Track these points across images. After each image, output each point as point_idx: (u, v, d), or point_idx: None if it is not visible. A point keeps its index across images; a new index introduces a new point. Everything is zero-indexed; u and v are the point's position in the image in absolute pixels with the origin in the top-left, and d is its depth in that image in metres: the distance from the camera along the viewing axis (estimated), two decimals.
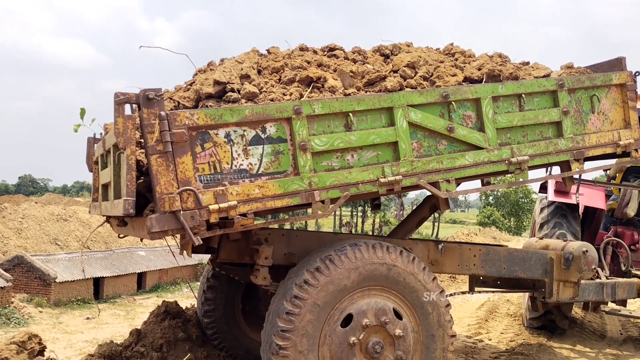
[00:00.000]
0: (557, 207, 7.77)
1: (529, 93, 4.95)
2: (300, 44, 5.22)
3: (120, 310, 17.92)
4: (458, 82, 4.75)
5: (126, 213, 3.70)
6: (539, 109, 5.02)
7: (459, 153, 4.66)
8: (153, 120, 3.69)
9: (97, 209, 5.42)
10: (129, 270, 20.93)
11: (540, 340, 7.68)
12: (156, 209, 3.71)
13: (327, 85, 4.38)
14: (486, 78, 4.86)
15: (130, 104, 3.73)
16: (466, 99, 4.68)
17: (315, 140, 4.13)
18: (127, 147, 3.70)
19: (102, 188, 5.04)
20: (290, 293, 4.16)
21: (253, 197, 3.95)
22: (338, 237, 5.14)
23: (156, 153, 3.69)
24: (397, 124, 4.39)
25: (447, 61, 5.17)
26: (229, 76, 4.23)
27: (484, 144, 4.73)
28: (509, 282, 6.11)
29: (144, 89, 3.73)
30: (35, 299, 18.18)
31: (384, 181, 4.32)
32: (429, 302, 4.49)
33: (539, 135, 5.04)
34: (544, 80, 5.04)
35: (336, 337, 4.21)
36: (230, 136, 3.94)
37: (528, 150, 4.92)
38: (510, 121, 4.87)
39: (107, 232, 25.52)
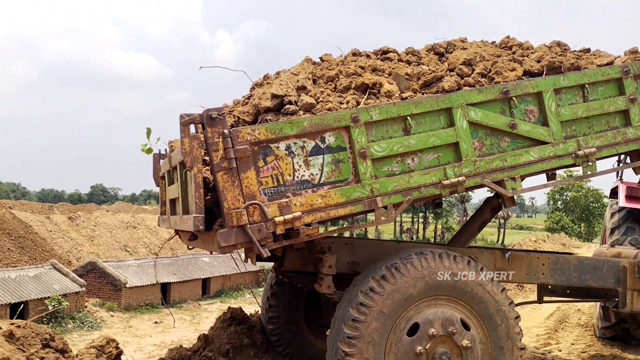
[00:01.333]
0: (629, 212, 7.59)
1: (592, 83, 4.83)
2: (353, 49, 5.28)
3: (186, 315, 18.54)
4: (517, 76, 4.69)
5: (196, 229, 3.87)
6: (604, 98, 4.90)
7: (523, 149, 4.61)
8: (217, 138, 3.85)
9: (166, 222, 5.66)
10: (194, 276, 21.63)
11: (613, 352, 7.46)
12: (224, 224, 3.87)
13: (383, 90, 4.43)
14: (546, 70, 4.78)
15: (195, 124, 3.90)
16: (527, 93, 4.62)
17: (374, 147, 4.19)
18: (194, 166, 3.87)
19: (170, 202, 5.27)
20: (356, 300, 4.22)
21: (316, 207, 4.05)
22: (401, 245, 5.18)
23: (222, 170, 3.85)
24: (457, 124, 4.39)
25: (505, 55, 5.11)
26: (285, 89, 4.35)
27: (548, 138, 4.66)
28: (579, 291, 5.97)
29: (207, 109, 3.89)
30: (107, 303, 19.06)
31: (446, 183, 4.34)
32: (498, 314, 4.43)
33: (605, 126, 4.92)
34: (607, 68, 4.91)
35: (402, 346, 4.24)
36: (291, 148, 4.06)
37: (595, 142, 4.81)
38: (575, 113, 4.77)
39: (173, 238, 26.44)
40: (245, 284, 20.64)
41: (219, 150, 3.85)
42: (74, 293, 17.76)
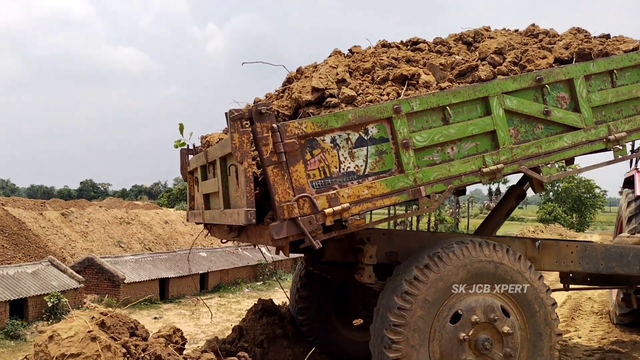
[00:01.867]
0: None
1: (620, 68, 4.97)
2: (382, 40, 5.35)
3: (185, 310, 18.60)
4: (549, 64, 4.81)
5: (248, 222, 3.92)
6: (632, 83, 5.04)
7: (557, 135, 4.73)
8: (266, 133, 3.91)
9: (197, 217, 5.71)
10: (192, 271, 21.63)
11: (633, 338, 7.68)
12: (276, 216, 3.94)
13: (421, 81, 4.52)
14: (576, 57, 4.90)
15: (244, 119, 3.95)
16: (559, 80, 4.74)
17: (416, 137, 4.29)
18: (244, 161, 3.93)
19: (204, 197, 5.31)
20: (400, 289, 4.34)
21: (363, 197, 4.14)
22: (436, 235, 5.30)
23: (272, 164, 3.92)
24: (494, 113, 4.50)
25: (532, 43, 5.22)
26: (325, 82, 4.41)
27: (580, 124, 4.79)
28: (601, 278, 6.11)
29: (255, 104, 3.95)
30: (105, 299, 19.03)
31: (486, 171, 4.45)
32: (536, 300, 4.57)
33: (633, 110, 5.07)
34: (634, 53, 5.05)
35: (446, 333, 4.37)
36: (336, 141, 4.14)
37: (625, 127, 4.95)
38: (605, 98, 4.91)
39: (167, 234, 26.37)
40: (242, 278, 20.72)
41: (269, 144, 3.92)
42: (73, 289, 17.71)
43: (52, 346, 3.13)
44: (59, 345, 3.11)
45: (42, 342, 3.21)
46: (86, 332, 3.16)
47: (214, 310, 12.85)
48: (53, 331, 3.22)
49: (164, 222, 25.51)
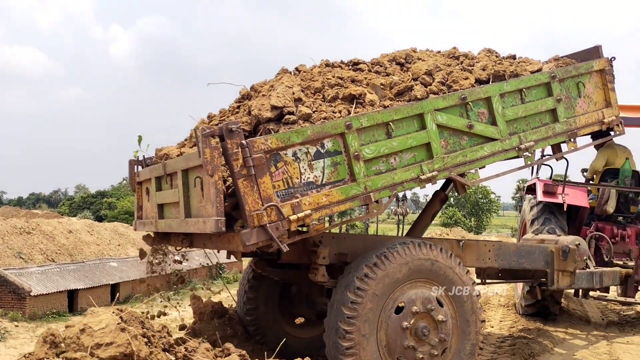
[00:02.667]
0: (545, 205, 8.84)
1: (528, 87, 5.87)
2: (325, 60, 5.95)
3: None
4: (471, 84, 5.60)
5: (218, 230, 4.35)
6: (537, 100, 5.96)
7: (479, 146, 5.54)
8: (236, 149, 4.37)
9: (148, 225, 6.02)
10: (102, 281, 21.16)
11: (537, 326, 8.74)
12: (246, 224, 4.41)
13: (366, 100, 5.15)
14: (493, 78, 5.74)
15: (214, 136, 4.39)
16: (479, 98, 5.55)
17: (365, 150, 4.91)
18: (215, 174, 4.37)
19: (158, 207, 5.65)
20: (353, 285, 4.94)
21: (322, 204, 4.71)
22: (379, 238, 5.94)
23: (242, 177, 4.39)
24: (428, 127, 5.23)
25: (454, 64, 6.02)
26: (283, 100, 4.93)
27: (497, 136, 5.63)
28: (511, 273, 6.97)
29: (225, 123, 4.41)
30: (10, 313, 18.25)
31: (424, 178, 5.17)
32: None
33: (539, 122, 5.99)
34: (539, 74, 5.97)
35: (391, 323, 5.02)
36: (297, 154, 4.67)
37: (532, 137, 5.86)
38: (516, 113, 5.79)
39: (71, 244, 25.46)
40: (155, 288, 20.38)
41: (239, 159, 4.38)
42: None
43: (85, 337, 3.43)
44: (92, 337, 3.41)
45: (74, 334, 3.47)
46: (116, 324, 3.50)
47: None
48: (84, 324, 3.51)
49: (68, 231, 24.65)
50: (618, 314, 10.27)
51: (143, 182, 6.21)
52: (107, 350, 3.39)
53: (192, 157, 4.76)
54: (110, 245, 26.54)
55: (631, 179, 9.01)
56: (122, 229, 26.10)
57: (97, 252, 25.20)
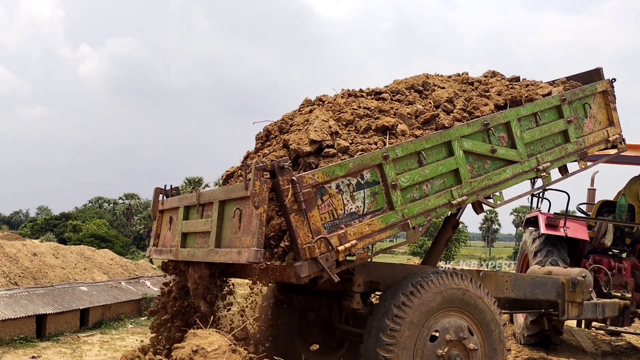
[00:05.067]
0: (547, 237, 9.36)
1: (542, 110, 6.32)
2: (346, 90, 6.29)
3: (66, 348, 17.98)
4: (491, 110, 6.01)
5: (257, 261, 4.58)
6: (550, 122, 6.41)
7: (501, 169, 5.95)
8: (287, 185, 4.65)
9: (167, 254, 6.20)
10: (72, 306, 20.78)
11: (541, 355, 9.17)
12: (298, 257, 4.69)
13: (398, 130, 5.50)
14: (510, 103, 6.17)
15: (267, 171, 4.66)
16: (500, 123, 5.97)
17: (401, 178, 5.25)
18: (261, 206, 4.63)
19: (182, 236, 5.83)
20: (391, 312, 5.25)
21: (365, 233, 5.02)
22: (406, 267, 6.28)
23: (293, 212, 4.66)
24: (456, 154, 5.60)
25: (469, 90, 6.44)
26: (321, 135, 5.24)
27: (517, 158, 6.05)
28: (516, 303, 7.24)
29: (276, 161, 4.69)
30: None
31: (455, 202, 5.54)
32: (493, 321, 5.66)
33: (552, 144, 6.44)
34: (551, 98, 6.43)
35: (427, 350, 5.34)
36: (340, 186, 4.98)
37: (548, 157, 6.31)
38: (533, 136, 6.22)
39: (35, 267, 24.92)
40: (125, 314, 20.29)
41: (289, 194, 4.66)
42: None
43: (199, 358, 3.62)
44: (206, 358, 3.61)
45: (186, 355, 3.66)
46: (227, 346, 3.70)
47: (97, 348, 12.77)
48: (197, 346, 3.69)
49: (32, 254, 24.14)
50: (609, 344, 10.84)
51: (166, 210, 6.40)
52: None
53: (235, 189, 5.00)
54: (76, 269, 26.02)
55: (627, 213, 9.57)
56: (88, 253, 25.67)
57: (62, 275, 24.67)
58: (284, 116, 6.08)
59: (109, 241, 47.44)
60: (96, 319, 22.17)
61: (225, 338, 3.88)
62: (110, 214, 79.28)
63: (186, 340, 3.89)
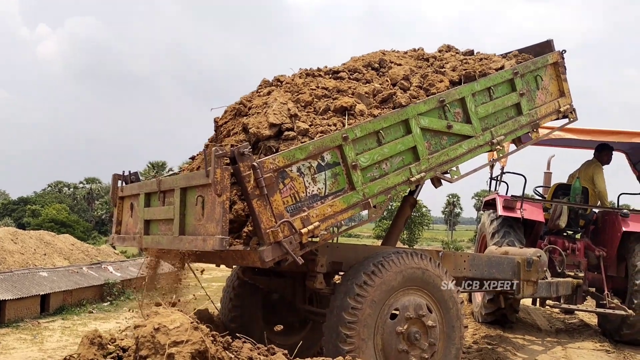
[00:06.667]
0: (504, 219, 9.72)
1: (495, 85, 6.48)
2: (303, 69, 6.31)
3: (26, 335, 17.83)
4: (446, 86, 6.14)
5: (223, 248, 4.64)
6: (503, 95, 6.59)
7: (457, 144, 6.11)
8: (248, 171, 4.70)
9: (130, 241, 6.21)
10: (32, 292, 20.57)
11: (497, 332, 9.60)
12: (262, 241, 4.77)
13: (356, 110, 5.57)
14: (464, 79, 6.30)
15: (227, 157, 4.69)
16: (455, 99, 6.11)
17: (361, 159, 5.36)
18: (223, 194, 4.67)
19: (145, 223, 5.84)
20: (352, 291, 5.41)
21: (327, 215, 5.13)
22: (368, 248, 6.43)
23: (255, 197, 4.73)
24: (413, 131, 5.73)
25: (425, 66, 6.54)
26: (280, 117, 5.28)
27: (472, 133, 6.22)
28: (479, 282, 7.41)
29: (236, 147, 4.72)
30: None
31: (413, 179, 5.69)
32: (451, 299, 5.88)
33: (506, 117, 6.63)
34: (503, 72, 6.59)
35: (387, 328, 5.53)
36: (301, 169, 5.05)
37: (502, 131, 6.50)
38: (487, 110, 6.39)
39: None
40: (87, 299, 20.19)
41: (251, 180, 4.71)
42: None
43: (160, 336, 3.65)
44: (168, 335, 3.64)
45: (147, 333, 3.68)
46: (189, 323, 3.78)
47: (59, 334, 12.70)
48: (158, 324, 3.72)
49: None
50: (563, 322, 11.39)
51: (126, 197, 6.37)
52: (184, 347, 3.65)
53: (196, 176, 5.02)
54: (35, 255, 25.68)
55: (581, 196, 9.99)
56: (48, 238, 25.29)
57: (22, 261, 24.33)
58: (242, 98, 6.08)
59: (69, 226, 46.75)
60: (57, 305, 21.93)
61: (187, 316, 3.94)
62: (71, 198, 77.92)
63: (148, 318, 3.94)
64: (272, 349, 4.41)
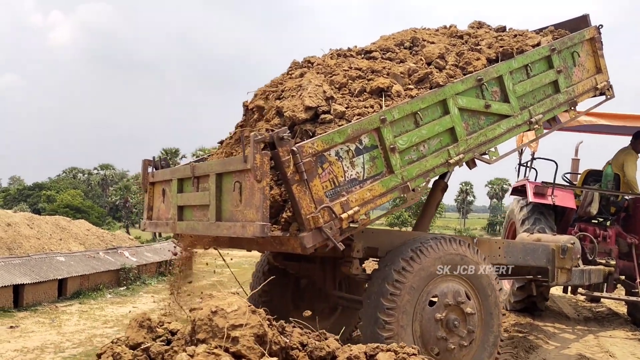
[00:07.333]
0: (535, 206, 9.59)
1: (532, 62, 6.29)
2: (335, 50, 6.14)
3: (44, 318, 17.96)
4: (483, 64, 5.96)
5: (264, 235, 4.55)
6: (541, 73, 6.41)
7: (496, 124, 5.95)
8: (287, 155, 4.57)
9: (163, 227, 6.13)
10: (49, 276, 20.72)
11: (527, 320, 9.46)
12: (302, 228, 4.65)
13: (393, 91, 5.42)
14: (501, 57, 6.11)
15: (266, 142, 4.56)
16: (492, 78, 5.93)
17: (399, 141, 5.21)
18: (263, 179, 4.55)
19: (178, 209, 5.74)
20: (391, 277, 5.31)
21: (367, 199, 5.00)
22: (403, 233, 6.31)
23: (295, 182, 4.60)
24: (451, 112, 5.57)
25: (459, 44, 6.35)
26: (316, 100, 5.13)
27: (510, 112, 6.05)
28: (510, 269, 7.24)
29: (275, 132, 4.58)
30: None
31: (452, 161, 5.54)
32: (489, 286, 5.77)
33: (543, 95, 6.45)
34: (540, 48, 6.39)
35: (426, 314, 5.43)
36: (339, 153, 4.93)
37: (539, 109, 6.32)
38: (524, 88, 6.21)
39: (9, 237, 24.60)
40: (104, 284, 20.32)
41: (290, 165, 4.58)
42: None
43: (218, 319, 3.58)
44: (226, 318, 3.57)
45: (205, 316, 3.61)
46: (247, 306, 3.69)
47: (76, 318, 12.74)
48: (216, 307, 3.64)
49: (6, 224, 23.75)
50: (590, 310, 11.25)
51: (157, 182, 6.28)
52: (243, 331, 3.58)
53: (233, 162, 4.91)
54: (51, 240, 25.84)
55: (613, 182, 9.82)
56: (63, 223, 25.40)
57: (38, 246, 24.48)
58: (273, 81, 5.94)
59: (84, 212, 47.07)
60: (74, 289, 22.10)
61: (243, 299, 3.84)
62: (85, 184, 78.44)
63: (203, 302, 3.84)
64: (324, 334, 4.30)
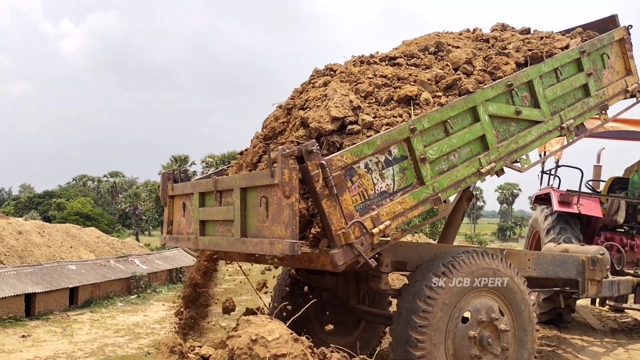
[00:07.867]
0: (560, 215, 9.33)
1: (562, 65, 6.09)
2: (358, 57, 5.95)
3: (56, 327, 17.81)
4: (512, 69, 5.76)
5: (295, 253, 4.38)
6: (571, 76, 6.20)
7: (526, 130, 5.75)
8: (316, 170, 4.39)
9: (184, 242, 5.97)
10: (61, 285, 20.59)
11: (554, 333, 9.21)
12: (333, 244, 4.46)
13: (421, 99, 5.22)
14: (530, 60, 5.91)
15: (294, 157, 4.38)
16: (522, 82, 5.73)
17: (429, 151, 5.02)
18: (292, 195, 4.37)
19: (200, 223, 5.57)
20: (423, 294, 5.10)
21: (397, 212, 4.81)
22: (431, 246, 6.11)
23: (325, 197, 4.42)
24: (482, 119, 5.38)
25: (485, 48, 6.15)
26: (343, 111, 4.94)
27: (541, 118, 5.85)
28: (538, 281, 7.02)
29: (304, 145, 4.40)
30: None
31: (484, 171, 5.34)
32: (523, 302, 5.55)
33: (574, 99, 6.25)
34: (570, 51, 6.19)
35: (458, 332, 5.22)
36: (369, 165, 4.74)
37: (570, 114, 6.12)
38: (555, 93, 6.01)
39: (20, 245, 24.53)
40: (115, 292, 20.17)
41: (319, 180, 4.40)
42: None
43: (259, 348, 3.45)
44: (267, 347, 3.44)
45: (244, 345, 3.47)
46: (289, 334, 3.50)
47: (88, 327, 12.59)
48: (256, 334, 3.49)
49: (18, 232, 23.70)
50: (615, 321, 10.92)
51: (177, 196, 6.12)
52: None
53: (259, 176, 4.73)
54: (62, 248, 25.76)
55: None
56: (74, 231, 25.33)
57: (49, 254, 24.41)
58: (295, 91, 5.75)
59: (94, 219, 47.19)
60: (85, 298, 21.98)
61: (284, 326, 3.64)
62: (95, 192, 78.76)
63: (240, 328, 3.63)
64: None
